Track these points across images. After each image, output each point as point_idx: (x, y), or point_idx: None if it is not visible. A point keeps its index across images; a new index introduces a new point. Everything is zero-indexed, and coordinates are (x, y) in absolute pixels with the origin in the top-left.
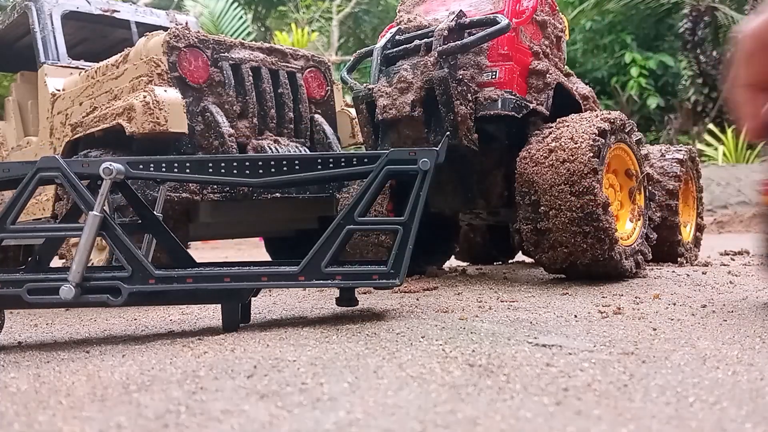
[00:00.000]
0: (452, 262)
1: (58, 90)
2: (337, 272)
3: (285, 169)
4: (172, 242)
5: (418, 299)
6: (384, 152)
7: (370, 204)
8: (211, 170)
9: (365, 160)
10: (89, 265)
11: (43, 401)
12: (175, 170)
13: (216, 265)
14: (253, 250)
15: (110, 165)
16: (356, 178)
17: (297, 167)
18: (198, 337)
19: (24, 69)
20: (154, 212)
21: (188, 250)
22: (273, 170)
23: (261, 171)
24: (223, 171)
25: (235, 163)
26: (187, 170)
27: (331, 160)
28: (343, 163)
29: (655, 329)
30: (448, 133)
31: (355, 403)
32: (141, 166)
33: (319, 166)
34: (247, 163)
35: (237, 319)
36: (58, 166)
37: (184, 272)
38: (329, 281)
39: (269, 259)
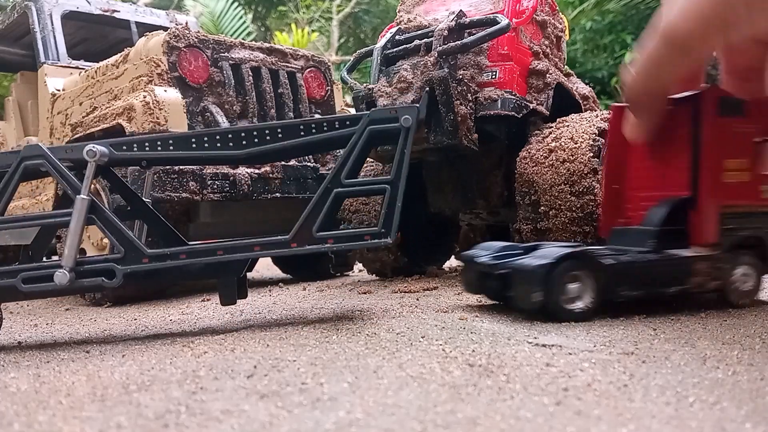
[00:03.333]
0: (452, 262)
1: (58, 90)
2: (329, 236)
3: (268, 138)
4: (163, 226)
5: (418, 299)
6: (365, 113)
7: (356, 165)
8: (194, 145)
9: (347, 122)
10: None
11: (43, 401)
12: (159, 148)
13: None
14: None
15: (94, 147)
16: (340, 141)
17: (280, 134)
18: (198, 337)
19: (24, 69)
20: (143, 198)
21: None
22: (256, 140)
23: (245, 142)
24: (206, 145)
25: (217, 136)
26: (171, 147)
27: (313, 125)
28: (325, 128)
29: (655, 329)
30: (427, 89)
31: (355, 403)
32: (124, 147)
33: (302, 132)
34: (230, 135)
35: (234, 293)
36: (42, 153)
37: (177, 249)
38: (321, 245)
39: (268, 258)
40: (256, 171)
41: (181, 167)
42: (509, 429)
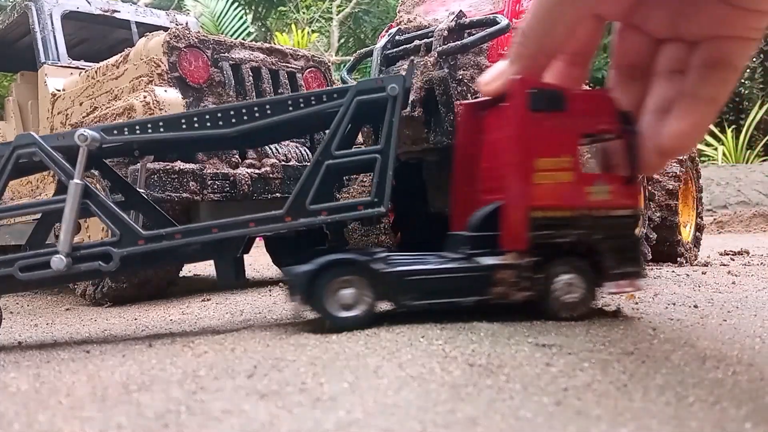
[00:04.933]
0: None
1: (58, 90)
2: (323, 208)
3: (257, 114)
4: (159, 216)
5: None
6: (351, 84)
7: (346, 137)
8: (184, 126)
9: (335, 95)
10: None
11: (43, 401)
12: (149, 131)
13: None
14: (252, 249)
15: (85, 132)
16: (330, 115)
17: (269, 111)
18: (198, 337)
19: (24, 69)
20: (137, 188)
21: None
22: (245, 117)
23: (234, 120)
24: (196, 125)
25: (207, 116)
26: (161, 129)
27: (301, 99)
28: (313, 102)
29: (654, 329)
30: (412, 58)
31: (355, 403)
32: (115, 131)
33: (290, 107)
34: (219, 114)
35: (231, 274)
36: (34, 141)
37: (172, 229)
38: (316, 218)
39: (268, 257)
40: (256, 171)
41: (181, 167)
42: (509, 429)
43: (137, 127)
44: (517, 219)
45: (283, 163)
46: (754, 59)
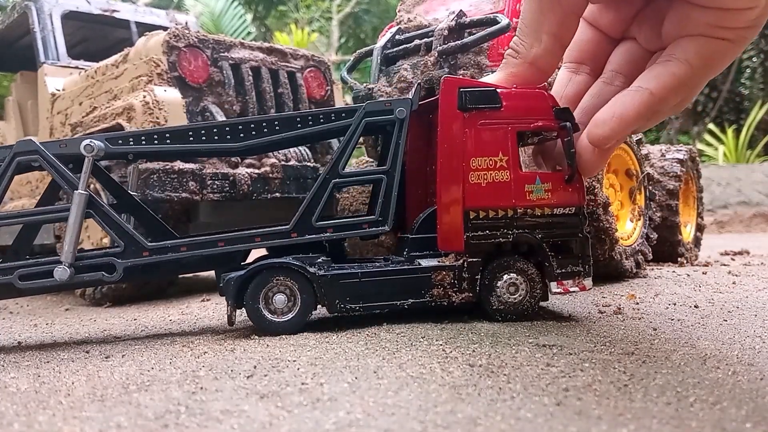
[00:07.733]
0: None
1: (58, 90)
2: (328, 225)
3: (266, 130)
4: (151, 219)
5: None
6: (360, 105)
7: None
8: (191, 138)
9: (343, 114)
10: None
11: (43, 401)
12: (156, 142)
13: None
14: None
15: (91, 142)
16: (336, 133)
17: (277, 127)
18: (198, 337)
19: (24, 69)
20: (129, 191)
21: None
22: (254, 133)
23: (242, 135)
24: (203, 138)
25: (215, 129)
26: (168, 141)
27: (309, 117)
28: (321, 120)
29: (655, 329)
30: (419, 82)
31: (355, 403)
32: (120, 141)
33: (299, 125)
34: (227, 128)
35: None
36: (35, 148)
37: (178, 241)
38: (321, 234)
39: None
40: (256, 171)
41: (180, 167)
42: (509, 429)
43: (143, 138)
44: (450, 219)
45: (282, 162)
46: (754, 59)
